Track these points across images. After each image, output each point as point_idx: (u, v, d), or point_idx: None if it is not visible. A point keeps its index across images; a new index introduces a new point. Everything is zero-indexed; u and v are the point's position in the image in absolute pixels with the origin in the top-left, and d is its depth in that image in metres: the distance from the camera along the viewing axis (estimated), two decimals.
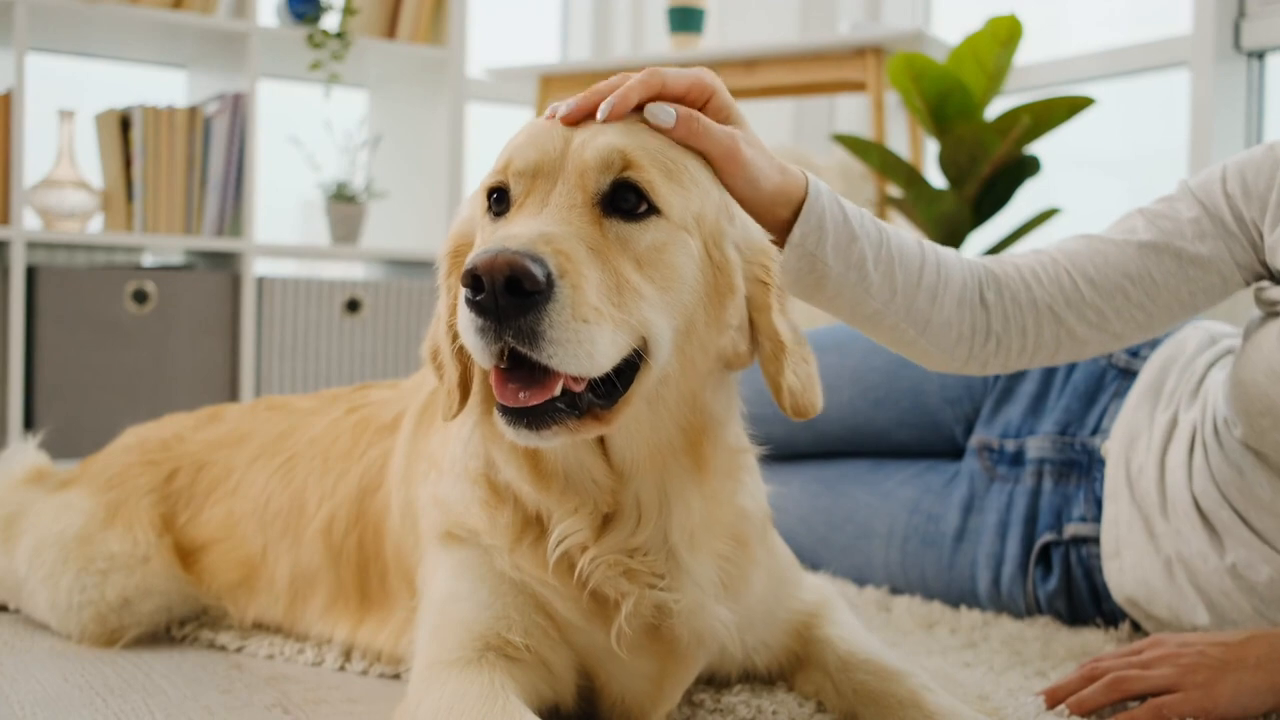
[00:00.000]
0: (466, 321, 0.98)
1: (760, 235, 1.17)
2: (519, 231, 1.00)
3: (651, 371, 1.06)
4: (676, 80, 1.14)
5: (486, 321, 0.96)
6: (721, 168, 1.15)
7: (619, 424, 1.06)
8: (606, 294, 1.00)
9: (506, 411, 1.00)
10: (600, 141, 1.07)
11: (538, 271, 0.94)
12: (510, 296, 0.94)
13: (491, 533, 1.18)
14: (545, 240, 0.98)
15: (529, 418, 1.00)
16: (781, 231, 1.21)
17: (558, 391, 0.99)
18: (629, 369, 1.04)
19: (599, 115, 1.10)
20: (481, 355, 0.99)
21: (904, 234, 1.33)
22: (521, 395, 0.99)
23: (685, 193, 1.10)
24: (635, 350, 1.04)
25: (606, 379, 1.03)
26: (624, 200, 1.06)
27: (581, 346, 0.96)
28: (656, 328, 1.05)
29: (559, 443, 1.04)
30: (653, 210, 1.06)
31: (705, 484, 1.13)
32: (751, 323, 1.15)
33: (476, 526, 1.20)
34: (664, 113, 1.12)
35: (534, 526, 1.16)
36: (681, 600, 1.14)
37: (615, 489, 1.12)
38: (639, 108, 1.13)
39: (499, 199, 1.12)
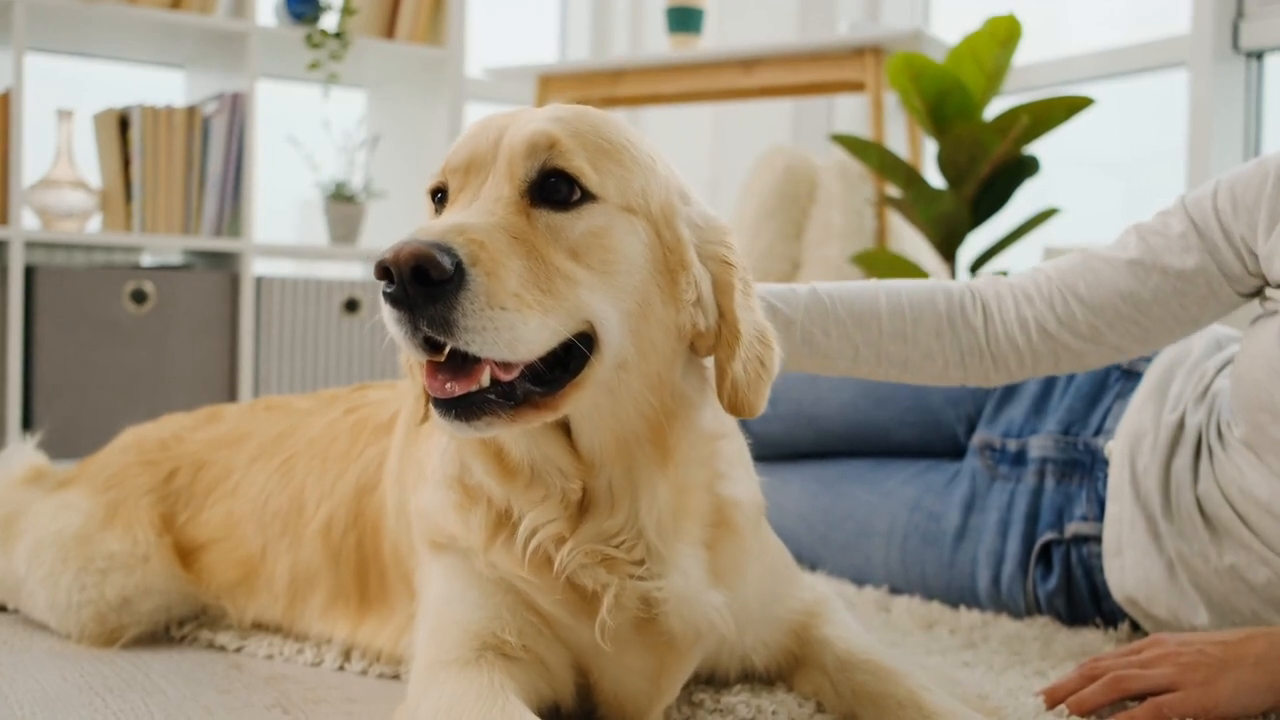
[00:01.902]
0: (386, 314, 0.99)
1: (718, 217, 1.18)
2: (435, 224, 1.01)
3: (605, 357, 1.06)
4: None
5: (401, 313, 0.97)
6: None
7: (567, 410, 1.06)
8: (533, 281, 1.00)
9: (439, 404, 1.01)
10: (529, 128, 1.08)
11: (445, 260, 0.94)
12: (419, 286, 0.95)
13: (466, 535, 1.18)
14: (458, 231, 0.98)
15: (458, 408, 1.00)
16: None
17: (485, 381, 0.99)
18: (579, 356, 1.04)
19: None
20: (406, 346, 1.00)
21: (858, 289, 1.41)
22: (449, 386, 0.99)
23: (625, 173, 1.09)
24: (584, 336, 1.04)
25: (550, 367, 1.03)
26: (555, 191, 1.06)
27: (500, 333, 0.96)
28: (601, 312, 1.05)
29: (495, 433, 1.04)
30: (587, 197, 1.06)
31: (670, 472, 1.12)
32: (719, 308, 1.14)
33: (454, 531, 1.20)
34: None
35: (506, 524, 1.16)
36: (665, 588, 1.13)
37: (585, 477, 1.12)
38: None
39: (441, 199, 1.13)
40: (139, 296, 3.32)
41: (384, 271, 0.96)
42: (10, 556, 1.66)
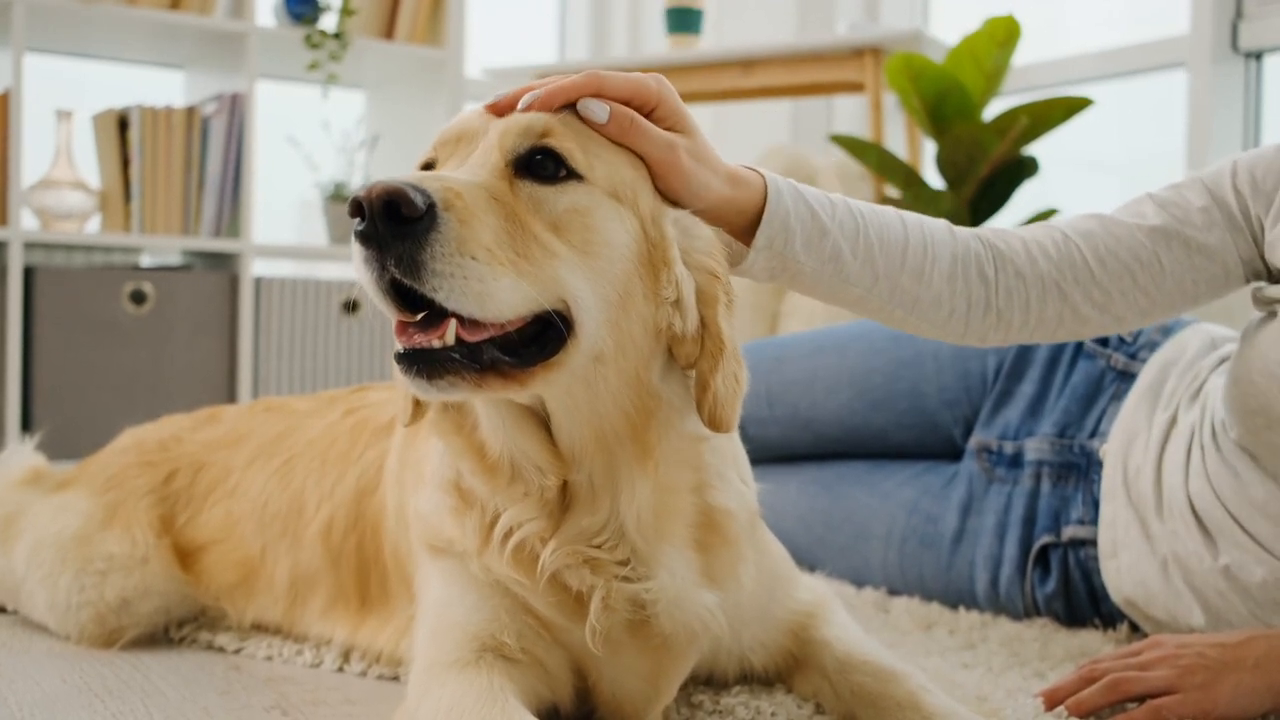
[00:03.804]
0: (355, 255, 0.97)
1: (708, 227, 1.16)
2: (415, 172, 1.00)
3: (581, 342, 1.04)
4: (617, 84, 1.12)
5: (370, 251, 0.96)
6: (658, 174, 1.14)
7: (537, 389, 1.04)
8: (509, 243, 0.99)
9: (400, 359, 0.99)
10: (525, 115, 1.08)
11: (417, 199, 0.94)
12: (389, 223, 0.94)
13: (462, 539, 1.18)
14: (436, 178, 0.98)
15: (421, 364, 0.98)
16: (744, 236, 1.20)
17: (450, 338, 0.97)
18: (556, 339, 1.03)
19: (519, 105, 1.10)
20: (374, 293, 0.98)
21: (886, 215, 1.31)
22: (416, 338, 0.98)
23: (615, 160, 1.09)
24: (559, 315, 1.03)
25: (525, 343, 1.02)
26: (542, 168, 1.06)
27: (469, 284, 0.95)
28: (579, 292, 1.03)
29: (458, 396, 1.02)
30: (573, 176, 1.06)
31: (651, 470, 1.11)
32: (701, 319, 1.12)
33: (450, 535, 1.20)
34: (598, 108, 1.10)
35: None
36: (654, 589, 1.12)
37: (564, 473, 1.11)
38: (571, 106, 1.12)
39: None
40: (138, 297, 3.32)
41: (357, 208, 0.95)
42: (9, 557, 1.66)
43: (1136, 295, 1.39)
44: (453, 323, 0.97)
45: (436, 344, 0.97)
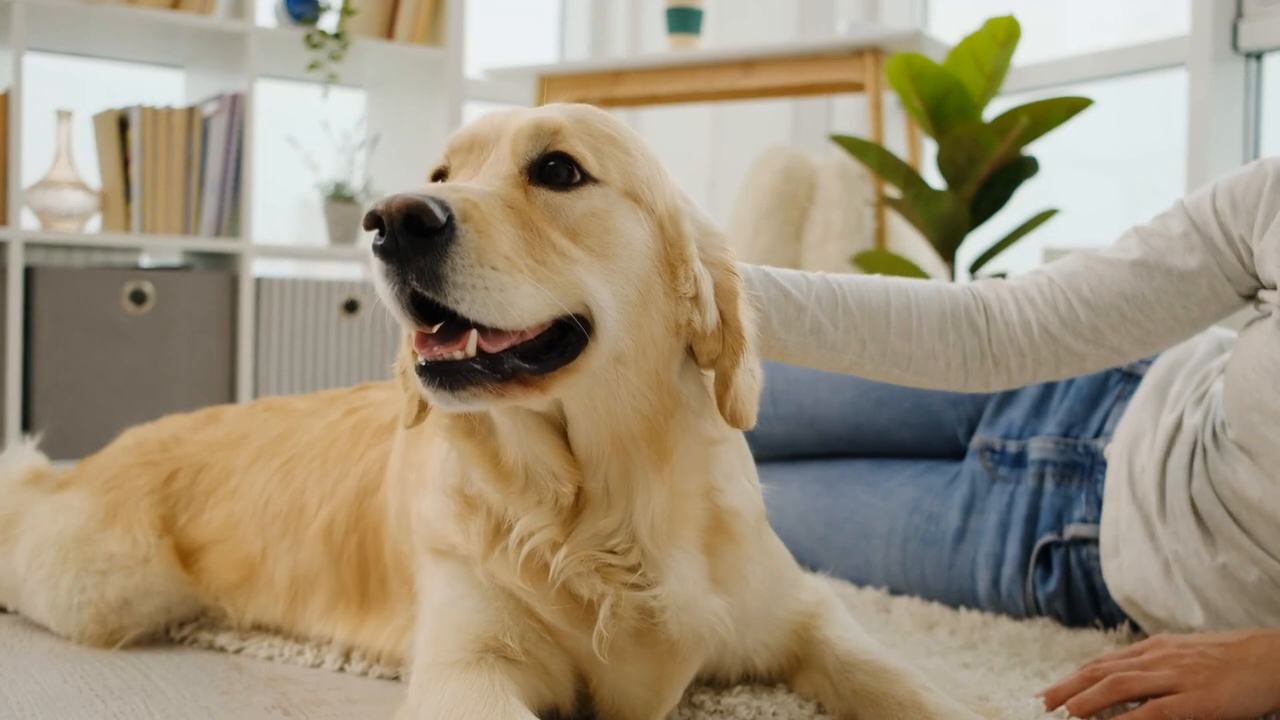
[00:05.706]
0: (375, 269, 0.97)
1: (717, 224, 1.18)
2: (429, 184, 1.00)
3: (601, 344, 1.04)
4: None
5: (390, 265, 0.95)
6: None
7: (557, 394, 1.04)
8: (527, 250, 0.99)
9: (422, 370, 0.99)
10: (536, 114, 1.08)
11: (437, 210, 0.94)
12: (410, 235, 0.94)
13: (466, 544, 1.18)
14: (453, 189, 0.98)
15: (443, 375, 0.98)
16: None
17: (471, 349, 0.97)
18: (576, 341, 1.03)
19: None
20: (394, 307, 0.98)
21: (868, 283, 1.40)
22: (436, 350, 0.98)
23: (630, 161, 1.10)
24: (579, 319, 1.03)
25: (545, 348, 1.02)
26: (555, 175, 1.06)
27: (490, 294, 0.95)
28: (599, 295, 1.03)
29: (480, 406, 1.02)
30: (588, 180, 1.06)
31: (667, 475, 1.11)
32: (721, 314, 1.13)
33: (454, 539, 1.20)
34: None
35: (505, 534, 1.15)
36: (662, 596, 1.12)
37: (579, 480, 1.11)
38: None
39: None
40: (138, 297, 3.32)
41: (375, 221, 0.94)
42: (10, 557, 1.66)
43: (1128, 327, 1.44)
44: (474, 333, 0.97)
45: (458, 355, 0.97)
